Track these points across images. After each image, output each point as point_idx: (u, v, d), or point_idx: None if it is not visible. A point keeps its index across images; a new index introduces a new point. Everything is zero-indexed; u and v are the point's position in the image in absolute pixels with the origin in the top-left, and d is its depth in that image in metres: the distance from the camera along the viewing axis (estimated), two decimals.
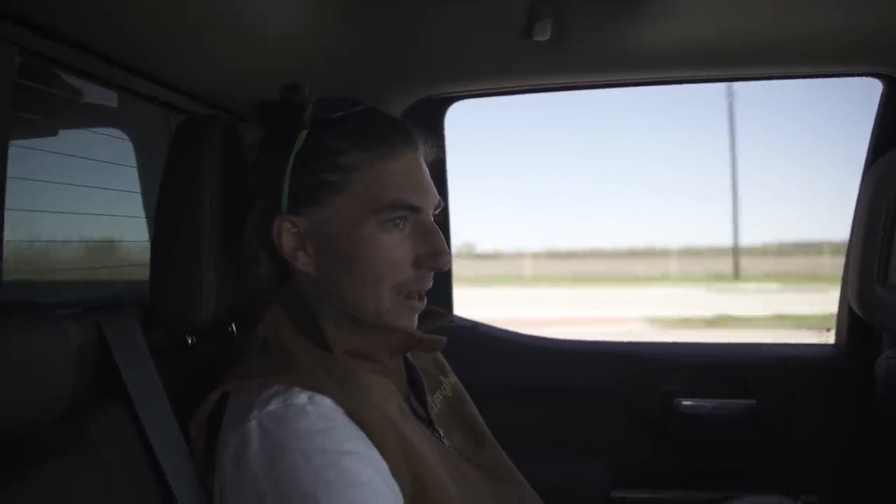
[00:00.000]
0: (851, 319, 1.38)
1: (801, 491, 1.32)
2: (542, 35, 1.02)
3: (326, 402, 0.67)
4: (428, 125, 1.34)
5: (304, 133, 0.75)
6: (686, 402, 1.41)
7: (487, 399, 0.98)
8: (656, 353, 1.47)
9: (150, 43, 0.93)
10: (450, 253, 0.77)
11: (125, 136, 1.28)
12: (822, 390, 1.40)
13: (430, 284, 0.79)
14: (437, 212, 0.80)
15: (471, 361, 1.42)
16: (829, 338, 1.48)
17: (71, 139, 1.15)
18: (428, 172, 0.80)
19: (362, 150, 0.74)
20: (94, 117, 1.18)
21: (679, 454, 1.43)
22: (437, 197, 0.80)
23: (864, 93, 1.33)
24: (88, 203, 1.14)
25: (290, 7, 0.92)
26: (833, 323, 1.47)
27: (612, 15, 1.01)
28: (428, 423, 0.82)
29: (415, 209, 0.75)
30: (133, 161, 1.29)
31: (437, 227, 0.78)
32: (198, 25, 0.89)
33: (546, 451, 1.41)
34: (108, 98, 1.18)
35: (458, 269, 1.64)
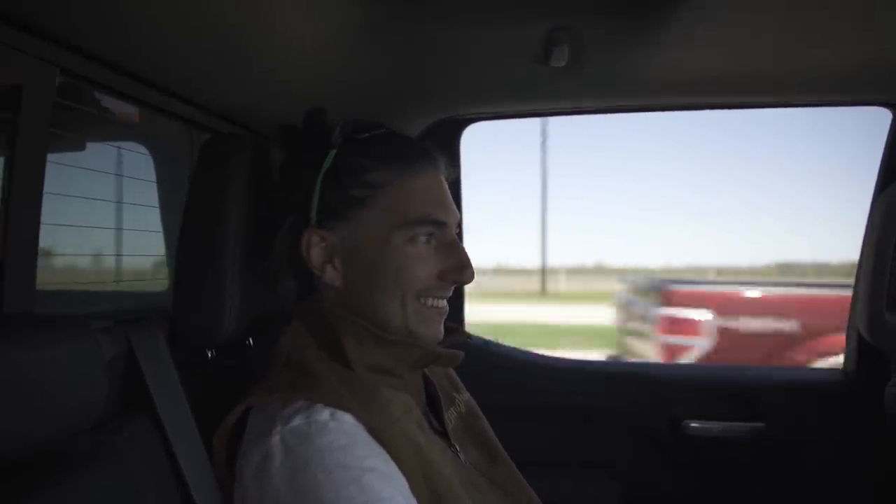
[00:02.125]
0: (860, 345, 1.39)
1: None
2: (559, 61, 1.04)
3: (348, 419, 0.68)
4: (445, 145, 1.38)
5: (333, 152, 0.79)
6: (694, 424, 1.41)
7: (498, 417, 0.98)
8: (666, 374, 1.48)
9: (175, 61, 0.95)
10: (472, 267, 0.80)
11: (147, 152, 1.31)
12: (831, 415, 1.40)
13: (450, 294, 0.82)
14: (457, 228, 0.83)
15: (482, 379, 1.42)
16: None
17: (97, 154, 1.18)
18: (449, 191, 0.83)
19: (388, 168, 0.78)
20: (120, 134, 1.21)
21: (687, 476, 1.43)
22: (458, 215, 0.83)
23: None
24: (111, 217, 1.16)
25: (312, 29, 0.94)
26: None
27: (626, 44, 1.03)
28: (445, 437, 0.83)
29: (440, 224, 0.79)
30: (154, 176, 1.32)
31: (460, 242, 0.81)
32: (221, 44, 0.91)
33: (555, 470, 1.41)
34: (133, 115, 1.20)
35: None
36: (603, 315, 6.86)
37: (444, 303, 0.81)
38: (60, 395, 0.55)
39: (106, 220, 1.20)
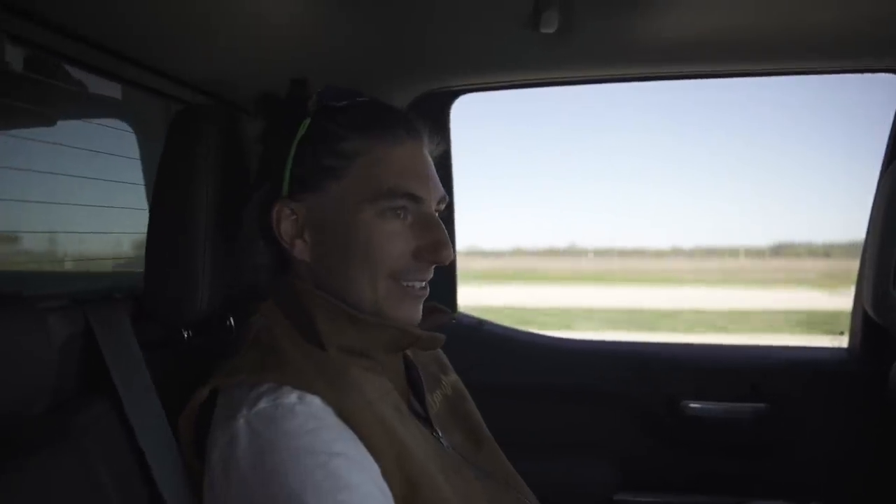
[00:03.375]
0: (866, 323, 1.35)
1: (810, 497, 1.29)
2: (549, 27, 1.00)
3: (316, 402, 0.66)
4: (433, 118, 1.33)
5: (308, 121, 0.75)
6: (693, 405, 1.38)
7: (492, 397, 0.96)
8: (664, 353, 1.45)
9: (151, 33, 0.92)
10: (451, 246, 0.75)
11: (128, 128, 1.28)
12: (834, 394, 1.37)
13: (429, 276, 0.78)
14: (440, 206, 0.79)
15: (476, 359, 1.41)
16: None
17: (70, 130, 1.14)
18: (432, 165, 0.79)
19: (363, 137, 0.74)
20: (93, 108, 1.17)
21: (685, 457, 1.40)
22: (442, 191, 0.79)
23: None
24: (87, 194, 1.13)
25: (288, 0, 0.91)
26: None
27: (619, 6, 0.98)
28: (427, 422, 0.80)
29: (415, 198, 0.74)
30: (136, 153, 1.29)
31: (439, 220, 0.77)
32: (200, 16, 0.88)
33: (550, 451, 1.39)
34: (107, 89, 1.17)
35: None
36: None
37: (422, 284, 0.77)
38: (4, 376, 0.52)
39: (87, 200, 1.17)
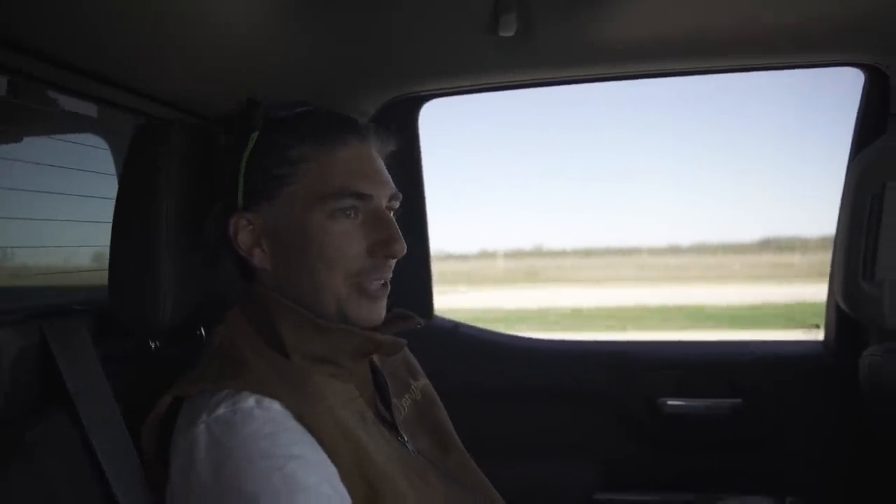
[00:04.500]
0: (839, 316, 1.35)
1: (788, 492, 1.29)
2: (508, 30, 1.01)
3: (275, 407, 0.67)
4: (401, 125, 1.35)
5: (256, 134, 0.77)
6: (671, 402, 1.39)
7: (470, 400, 0.96)
8: (641, 351, 1.45)
9: (119, 51, 0.93)
10: (402, 240, 0.76)
11: (103, 144, 1.29)
12: (810, 388, 1.37)
13: (388, 274, 0.79)
14: (393, 203, 0.80)
15: (452, 362, 1.41)
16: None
17: (43, 148, 1.16)
18: (380, 163, 0.81)
19: (309, 143, 0.76)
20: (65, 125, 1.19)
21: (664, 455, 1.41)
22: (393, 188, 0.80)
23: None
24: (60, 210, 1.14)
25: (255, 12, 0.92)
26: None
27: (577, 8, 0.99)
28: (393, 427, 0.81)
29: (363, 196, 0.76)
30: (111, 168, 1.30)
31: (389, 215, 0.79)
32: (165, 33, 0.89)
33: (529, 452, 1.40)
34: (81, 107, 1.18)
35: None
36: None
37: (381, 282, 0.78)
38: None
39: (62, 216, 1.18)
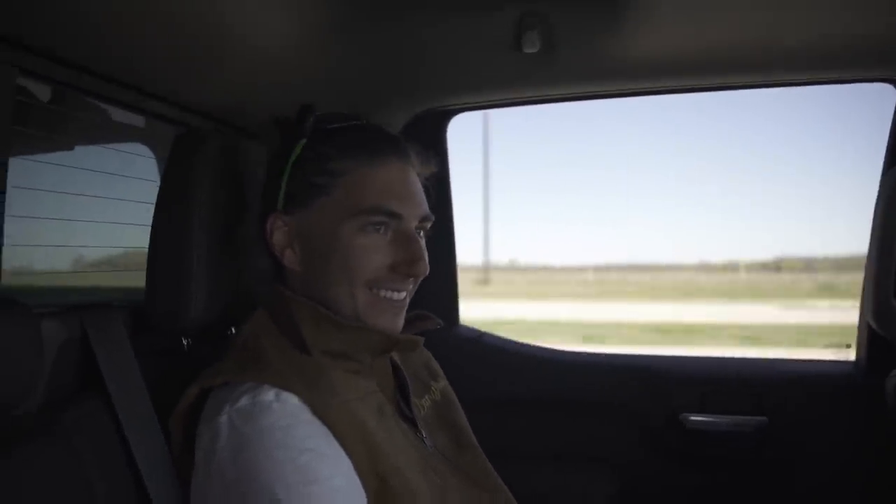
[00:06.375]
0: (871, 335, 1.32)
1: None
2: (532, 47, 1.04)
3: (292, 400, 0.70)
4: (429, 138, 1.38)
5: (303, 142, 0.81)
6: (694, 418, 1.37)
7: (492, 409, 0.97)
8: (665, 366, 1.44)
9: (161, 64, 0.99)
10: (426, 261, 0.80)
11: (153, 155, 1.37)
12: (839, 409, 1.33)
13: (408, 288, 0.82)
14: (424, 224, 0.83)
15: (476, 371, 1.43)
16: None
17: (94, 155, 1.24)
18: (418, 184, 0.84)
19: (350, 157, 0.80)
20: (119, 137, 1.27)
21: (686, 471, 1.39)
22: (426, 210, 0.83)
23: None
24: (106, 214, 1.21)
25: (291, 31, 0.97)
26: None
27: (599, 25, 1.02)
28: (412, 424, 0.84)
29: (395, 215, 0.79)
30: (156, 175, 1.37)
31: (417, 236, 0.82)
32: (204, 46, 0.95)
33: (550, 462, 1.40)
34: (129, 118, 1.26)
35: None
36: None
37: (401, 295, 0.82)
38: None
39: (109, 219, 1.25)
